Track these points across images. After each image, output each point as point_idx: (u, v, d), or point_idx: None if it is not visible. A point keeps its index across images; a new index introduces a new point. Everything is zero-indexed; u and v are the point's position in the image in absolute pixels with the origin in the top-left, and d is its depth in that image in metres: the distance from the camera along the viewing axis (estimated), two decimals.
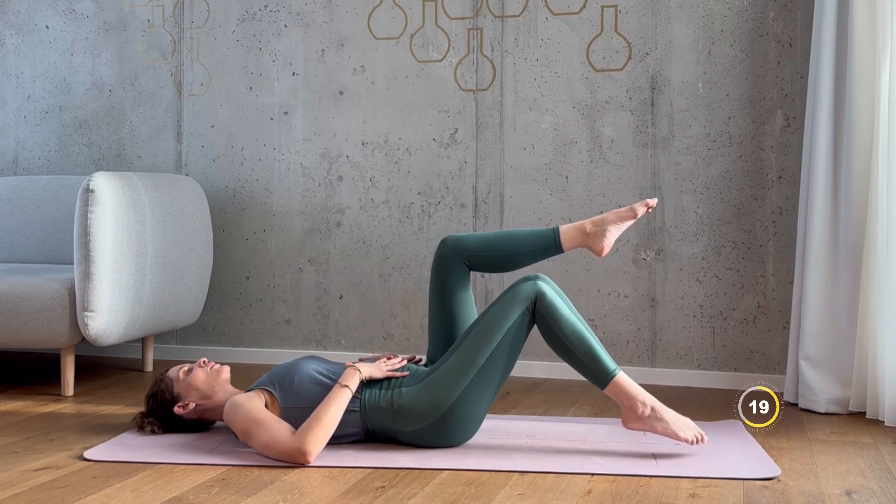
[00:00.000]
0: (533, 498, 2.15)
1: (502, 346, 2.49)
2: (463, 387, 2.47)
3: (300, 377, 2.51)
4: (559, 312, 2.50)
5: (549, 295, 2.51)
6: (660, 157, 3.49)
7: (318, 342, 3.83)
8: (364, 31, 3.77)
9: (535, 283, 2.52)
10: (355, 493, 2.18)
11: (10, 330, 3.20)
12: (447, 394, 2.46)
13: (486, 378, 2.48)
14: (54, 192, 3.86)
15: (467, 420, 2.50)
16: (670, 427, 2.46)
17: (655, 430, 2.48)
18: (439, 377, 2.49)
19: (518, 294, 2.52)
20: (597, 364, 2.48)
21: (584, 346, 2.48)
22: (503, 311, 2.51)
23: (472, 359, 2.48)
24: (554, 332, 2.50)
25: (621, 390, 2.48)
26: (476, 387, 2.48)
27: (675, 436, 2.46)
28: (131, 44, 4.03)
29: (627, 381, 2.49)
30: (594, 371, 2.49)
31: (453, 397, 2.46)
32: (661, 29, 3.49)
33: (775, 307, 3.39)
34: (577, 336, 2.49)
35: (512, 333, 2.50)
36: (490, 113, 3.65)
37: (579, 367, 2.51)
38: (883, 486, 2.27)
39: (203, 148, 3.95)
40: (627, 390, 2.48)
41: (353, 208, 3.79)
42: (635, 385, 2.50)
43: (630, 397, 2.48)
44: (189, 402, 2.59)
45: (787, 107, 3.38)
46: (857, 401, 2.97)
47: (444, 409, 2.46)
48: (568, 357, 2.51)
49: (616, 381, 2.48)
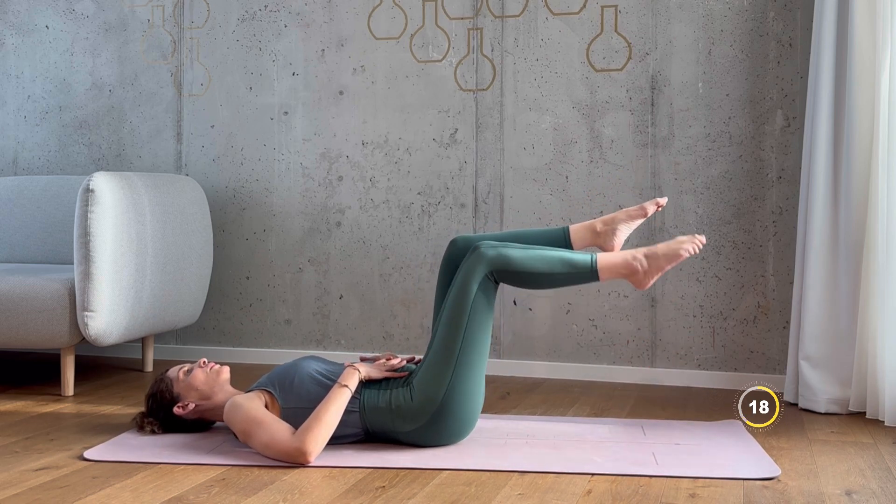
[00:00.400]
0: (533, 498, 2.15)
1: (473, 323, 2.49)
2: (450, 376, 2.46)
3: (300, 377, 2.51)
4: (514, 257, 2.51)
5: (494, 252, 2.51)
6: (660, 157, 3.49)
7: (318, 342, 3.83)
8: (364, 31, 3.77)
9: (478, 251, 2.52)
10: (355, 493, 2.18)
11: (10, 330, 3.20)
12: (437, 387, 2.46)
13: (469, 359, 2.48)
14: (54, 192, 3.86)
15: (463, 409, 2.49)
16: (671, 254, 2.53)
17: (663, 268, 2.54)
18: (425, 373, 2.49)
19: (470, 268, 2.51)
20: (577, 266, 2.52)
21: (556, 262, 2.51)
22: (463, 290, 2.50)
23: (450, 348, 2.48)
24: (522, 276, 2.51)
25: (612, 267, 2.53)
26: (462, 371, 2.47)
27: (679, 257, 2.53)
28: (131, 44, 4.03)
29: (609, 256, 2.55)
30: (580, 274, 2.52)
31: (444, 389, 2.46)
32: (661, 29, 3.49)
33: (775, 307, 3.39)
34: (544, 260, 2.51)
35: (479, 307, 2.50)
36: (490, 113, 3.65)
37: (566, 281, 2.54)
38: (883, 486, 2.27)
39: (203, 148, 3.95)
40: (616, 263, 2.54)
41: (353, 208, 3.79)
42: (618, 253, 2.56)
43: (622, 265, 2.54)
44: (189, 403, 2.59)
45: (787, 107, 3.38)
46: (857, 401, 2.97)
47: (437, 402, 2.46)
48: (551, 283, 2.53)
49: (602, 265, 2.52)
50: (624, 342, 3.53)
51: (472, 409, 2.51)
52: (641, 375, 3.48)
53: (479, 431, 2.67)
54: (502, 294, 3.61)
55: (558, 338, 3.57)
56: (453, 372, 2.47)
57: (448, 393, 2.46)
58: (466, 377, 2.48)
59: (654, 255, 2.55)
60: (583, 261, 2.53)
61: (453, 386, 2.47)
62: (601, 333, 3.53)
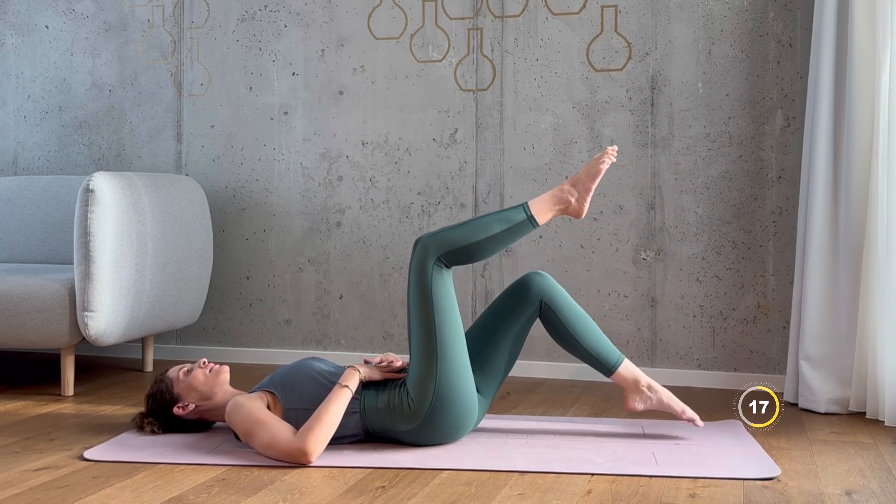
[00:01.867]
0: (533, 498, 2.15)
1: (440, 314, 2.51)
2: (435, 371, 2.47)
3: (302, 379, 2.52)
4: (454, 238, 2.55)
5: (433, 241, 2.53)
6: (660, 157, 3.49)
7: (318, 342, 3.83)
8: (364, 31, 3.77)
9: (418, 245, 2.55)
10: (355, 493, 2.18)
11: (10, 330, 3.20)
12: (427, 383, 2.47)
13: (448, 346, 2.49)
14: (54, 192, 3.86)
15: (457, 400, 2.48)
16: (593, 173, 2.63)
17: (590, 189, 2.63)
18: (414, 372, 2.51)
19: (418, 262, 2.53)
20: (510, 217, 2.58)
21: (489, 225, 2.57)
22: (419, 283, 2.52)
23: (427, 340, 2.50)
24: (467, 249, 2.55)
25: (543, 205, 2.61)
26: (445, 360, 2.48)
27: (599, 173, 2.62)
28: (131, 44, 4.03)
29: (538, 199, 2.63)
30: (517, 222, 2.58)
31: (433, 384, 2.46)
32: (661, 29, 3.49)
33: (775, 307, 3.39)
34: (478, 226, 2.57)
35: (439, 293, 2.52)
36: (490, 113, 3.65)
37: (507, 236, 2.58)
38: (883, 486, 2.27)
39: (203, 148, 3.95)
40: (547, 200, 2.62)
41: (353, 208, 3.79)
42: (545, 194, 2.64)
43: (554, 200, 2.62)
44: (188, 403, 2.59)
45: (787, 107, 3.38)
46: (857, 401, 2.97)
47: (431, 398, 2.46)
48: (494, 243, 2.57)
49: (534, 206, 2.60)
50: (624, 342, 3.53)
51: (465, 403, 2.51)
52: None
53: (479, 431, 2.68)
54: None
55: None
56: (437, 366, 2.48)
57: (438, 387, 2.47)
58: (452, 368, 2.49)
59: (577, 180, 2.64)
60: (516, 212, 2.59)
61: (442, 379, 2.47)
62: None
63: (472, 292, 3.64)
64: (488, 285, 3.65)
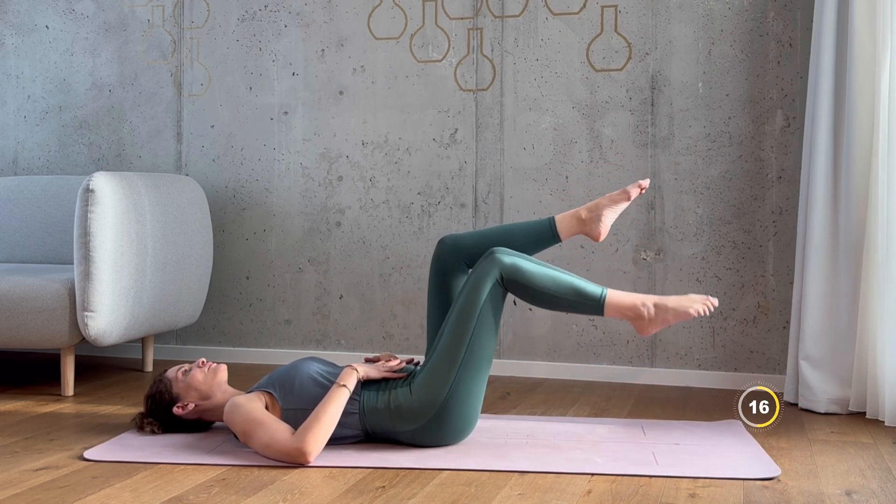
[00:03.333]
0: (533, 498, 2.15)
1: (480, 328, 2.49)
2: (453, 377, 2.46)
3: (301, 379, 2.52)
4: (527, 271, 2.50)
5: (509, 260, 2.51)
6: (660, 157, 3.49)
7: (318, 342, 3.83)
8: (364, 31, 3.77)
9: (492, 256, 2.52)
10: (355, 493, 2.18)
11: (10, 330, 3.20)
12: (439, 389, 2.46)
13: (474, 364, 2.48)
14: (54, 192, 3.86)
15: (464, 411, 2.49)
16: (679, 311, 2.50)
17: (668, 321, 2.50)
18: (428, 373, 2.49)
19: (482, 272, 2.51)
20: (586, 297, 2.50)
21: (566, 287, 2.49)
22: (473, 293, 2.50)
23: (455, 350, 2.48)
24: (531, 291, 2.50)
25: (619, 306, 2.50)
26: (465, 375, 2.47)
27: (687, 315, 2.49)
28: (131, 44, 4.03)
29: (620, 294, 2.51)
30: (586, 304, 2.50)
31: (446, 390, 2.46)
32: (661, 29, 3.49)
33: (775, 307, 3.39)
34: (554, 281, 2.50)
35: (488, 311, 2.50)
36: (490, 113, 3.65)
37: (571, 307, 2.52)
38: (883, 486, 2.27)
39: (203, 148, 3.95)
40: (624, 302, 2.50)
41: (353, 208, 3.79)
42: (628, 295, 2.52)
43: (630, 307, 2.50)
44: (188, 403, 2.59)
45: (787, 107, 3.38)
46: (857, 401, 2.97)
47: (438, 403, 2.46)
48: (556, 305, 2.52)
49: (610, 302, 2.50)
50: (624, 342, 3.53)
51: (471, 412, 2.52)
52: (641, 375, 3.48)
53: (479, 431, 2.67)
54: None
55: (558, 338, 3.57)
56: (457, 374, 2.47)
57: (449, 395, 2.47)
58: (469, 380, 2.48)
59: (663, 307, 2.52)
60: (592, 293, 2.50)
61: (455, 388, 2.47)
62: (601, 333, 3.53)
63: None
64: None
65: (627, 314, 2.52)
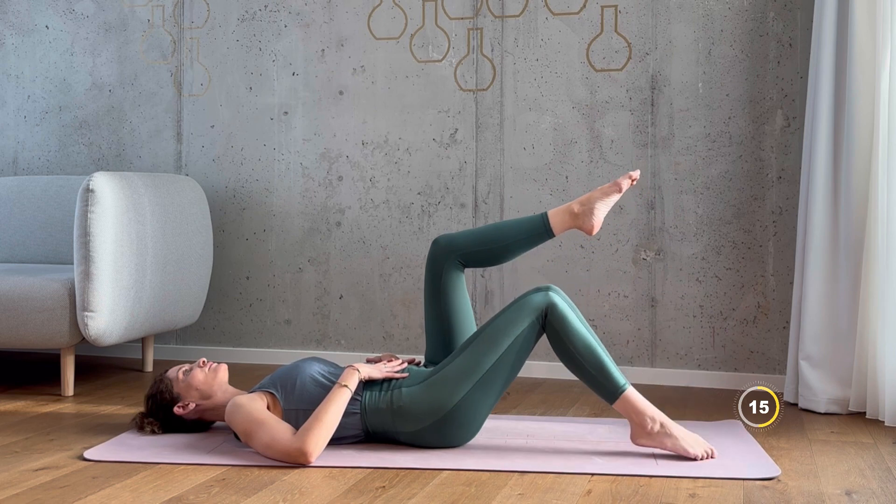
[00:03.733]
0: (533, 498, 2.15)
1: (508, 354, 2.48)
2: (465, 390, 2.46)
3: (302, 379, 2.51)
4: (571, 326, 2.48)
5: (561, 307, 2.49)
6: (660, 157, 3.49)
7: (318, 342, 3.83)
8: (364, 31, 3.77)
9: (546, 295, 2.51)
10: (355, 493, 2.18)
11: (10, 330, 3.20)
12: (449, 396, 2.46)
13: (490, 383, 2.48)
14: (54, 192, 3.86)
15: (467, 423, 2.49)
16: (679, 443, 2.44)
17: (665, 446, 2.45)
18: (442, 379, 2.49)
19: (529, 304, 2.50)
20: (608, 379, 2.46)
21: (596, 360, 2.46)
22: (513, 319, 2.49)
23: (477, 363, 2.47)
24: (565, 346, 2.48)
25: (631, 406, 2.46)
26: (479, 391, 2.47)
27: (684, 452, 2.43)
28: (131, 44, 4.03)
29: (637, 396, 2.47)
30: (604, 385, 2.47)
31: (455, 400, 2.46)
32: (661, 29, 3.49)
33: (775, 307, 3.39)
34: (589, 350, 2.47)
35: (520, 343, 2.49)
36: (490, 113, 3.65)
37: (589, 380, 2.49)
38: (883, 486, 2.27)
39: (203, 148, 3.95)
40: (637, 406, 2.46)
41: (353, 208, 3.79)
42: (644, 400, 2.48)
43: (639, 412, 2.46)
44: (189, 403, 2.59)
45: (787, 107, 3.38)
46: (857, 401, 2.97)
47: (445, 410, 2.46)
48: (578, 370, 2.49)
49: (626, 397, 2.46)
50: (624, 342, 3.53)
51: (477, 422, 2.52)
52: (641, 375, 3.48)
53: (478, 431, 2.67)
54: (501, 293, 3.61)
55: None
56: (473, 386, 2.47)
57: (459, 404, 2.46)
58: (482, 395, 2.48)
59: (666, 433, 2.45)
60: (616, 379, 2.45)
61: (465, 400, 2.46)
62: (601, 333, 3.53)
63: (471, 292, 3.64)
64: (488, 285, 3.65)
65: (633, 417, 2.47)
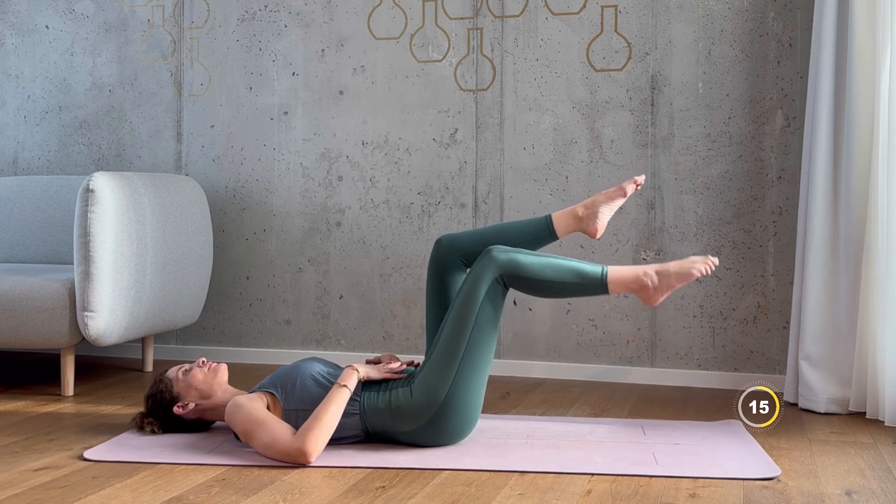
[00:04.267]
0: (533, 498, 2.15)
1: (479, 327, 2.49)
2: (452, 376, 2.46)
3: (302, 379, 2.52)
4: (525, 265, 2.50)
5: (505, 257, 2.50)
6: (660, 157, 3.49)
7: (318, 342, 3.83)
8: (364, 31, 3.77)
9: (488, 256, 2.52)
10: (355, 493, 2.18)
11: (10, 330, 3.20)
12: (439, 387, 2.46)
13: (473, 362, 2.48)
14: (54, 192, 3.86)
15: (464, 410, 2.49)
16: (683, 273, 2.50)
17: (673, 286, 2.51)
18: (428, 373, 2.49)
19: (480, 272, 2.51)
20: (587, 278, 2.50)
21: (567, 272, 2.49)
22: (471, 293, 2.50)
23: (455, 348, 2.48)
24: (532, 282, 2.50)
25: (622, 280, 2.51)
26: (465, 374, 2.47)
27: (690, 276, 2.50)
28: (131, 44, 4.03)
29: (620, 269, 2.52)
30: (589, 285, 2.51)
31: (445, 390, 2.46)
32: (661, 29, 3.49)
33: (775, 307, 3.39)
34: (555, 269, 2.49)
35: (487, 309, 2.49)
36: (490, 113, 3.65)
37: (575, 292, 2.52)
38: (883, 486, 2.27)
39: (203, 148, 3.95)
40: (627, 277, 2.51)
41: (353, 208, 3.79)
42: (629, 267, 2.53)
43: (633, 280, 2.51)
44: (188, 403, 2.59)
45: (787, 107, 3.38)
46: (857, 401, 2.97)
47: (439, 402, 2.46)
48: (560, 292, 2.52)
49: (612, 278, 2.50)
50: (624, 342, 3.53)
51: (472, 411, 2.51)
52: (641, 375, 3.48)
53: (479, 431, 2.67)
54: None
55: (558, 338, 3.57)
56: (456, 373, 2.47)
57: (450, 394, 2.47)
58: (469, 379, 2.48)
59: (665, 273, 2.52)
60: (593, 272, 2.51)
61: (455, 387, 2.47)
62: (601, 333, 3.53)
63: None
64: None
65: (632, 286, 2.51)
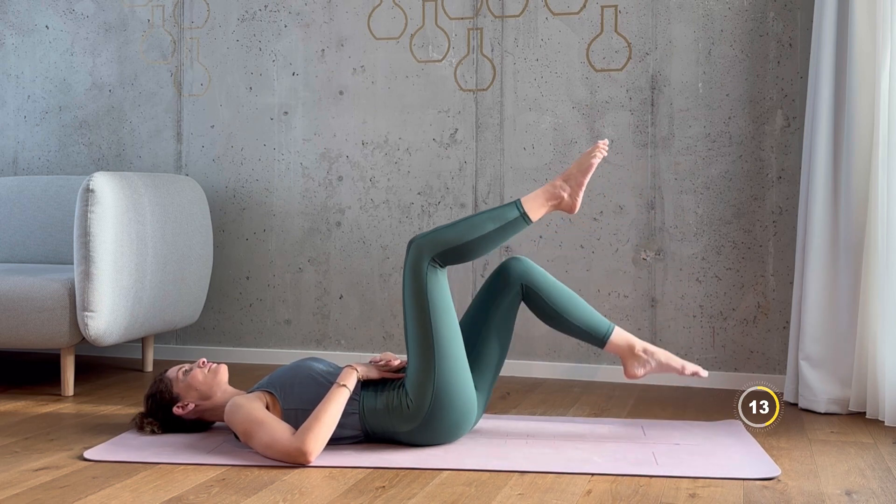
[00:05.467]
0: (533, 498, 2.15)
1: (436, 313, 2.51)
2: (434, 371, 2.46)
3: (301, 379, 2.52)
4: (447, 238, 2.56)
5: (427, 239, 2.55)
6: (660, 157, 3.49)
7: (318, 342, 3.83)
8: (364, 31, 3.77)
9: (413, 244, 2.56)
10: (355, 493, 2.18)
11: (10, 330, 3.20)
12: (426, 385, 2.46)
13: (446, 348, 2.49)
14: (54, 192, 3.86)
15: (457, 402, 2.48)
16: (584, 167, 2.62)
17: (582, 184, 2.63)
18: (412, 375, 2.50)
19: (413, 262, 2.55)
20: (505, 218, 2.57)
21: (485, 223, 2.56)
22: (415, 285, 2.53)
23: (424, 342, 2.50)
24: (462, 250, 2.55)
25: (538, 203, 2.61)
26: (444, 363, 2.47)
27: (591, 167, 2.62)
28: (131, 44, 4.03)
29: (531, 195, 2.62)
30: (512, 223, 2.57)
31: (432, 385, 2.46)
32: (661, 29, 3.49)
33: (775, 307, 3.39)
34: (474, 226, 2.56)
35: (435, 294, 2.52)
36: (490, 113, 3.65)
37: (502, 235, 2.58)
38: (883, 486, 2.27)
39: (203, 148, 3.95)
40: (539, 197, 2.62)
41: (353, 208, 3.79)
42: (538, 191, 2.63)
43: (548, 196, 2.62)
44: (188, 403, 2.59)
45: (787, 107, 3.38)
46: (857, 401, 2.97)
47: (430, 399, 2.46)
48: (489, 243, 2.57)
49: (528, 205, 2.60)
50: None
51: (465, 404, 2.51)
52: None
53: (479, 431, 2.68)
54: None
55: (558, 338, 3.57)
56: (435, 366, 2.47)
57: (437, 388, 2.47)
58: (450, 367, 2.49)
59: (569, 175, 2.64)
60: (509, 209, 2.59)
61: (440, 379, 2.47)
62: None
63: (472, 291, 3.64)
64: None
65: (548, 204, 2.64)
